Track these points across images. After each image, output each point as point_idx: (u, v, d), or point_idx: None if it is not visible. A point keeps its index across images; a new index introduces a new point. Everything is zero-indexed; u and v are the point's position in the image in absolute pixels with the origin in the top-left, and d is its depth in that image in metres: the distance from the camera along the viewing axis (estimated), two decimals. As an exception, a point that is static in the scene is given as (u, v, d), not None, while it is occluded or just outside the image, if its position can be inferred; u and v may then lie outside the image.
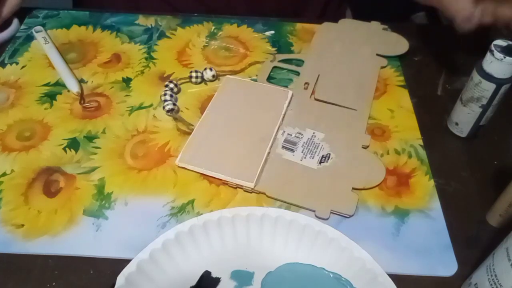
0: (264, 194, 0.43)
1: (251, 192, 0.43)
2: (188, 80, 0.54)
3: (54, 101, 0.51)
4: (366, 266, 0.36)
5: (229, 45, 0.59)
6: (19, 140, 0.47)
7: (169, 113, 0.50)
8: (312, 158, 0.46)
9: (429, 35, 0.63)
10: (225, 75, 0.55)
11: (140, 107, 0.51)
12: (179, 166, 0.45)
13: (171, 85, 0.52)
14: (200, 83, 0.54)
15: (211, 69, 0.54)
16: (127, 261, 0.35)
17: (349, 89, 0.54)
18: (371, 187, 0.44)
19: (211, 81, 0.55)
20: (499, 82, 0.43)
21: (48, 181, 0.44)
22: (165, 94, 0.51)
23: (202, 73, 0.54)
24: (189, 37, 0.60)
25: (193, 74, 0.53)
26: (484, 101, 0.45)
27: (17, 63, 0.56)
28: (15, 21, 0.61)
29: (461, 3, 0.49)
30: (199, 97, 0.53)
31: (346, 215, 0.42)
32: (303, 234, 0.38)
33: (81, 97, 0.51)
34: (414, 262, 0.39)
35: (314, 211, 0.42)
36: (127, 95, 0.52)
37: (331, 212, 0.42)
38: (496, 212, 0.41)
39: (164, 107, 0.50)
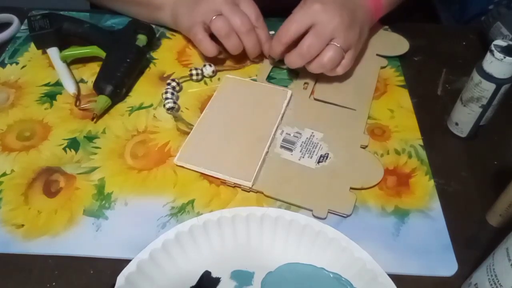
0: (262, 193, 0.43)
1: (249, 191, 0.43)
2: (188, 78, 0.54)
3: (54, 101, 0.51)
4: (366, 266, 0.36)
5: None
6: (19, 140, 0.47)
7: (169, 111, 0.50)
8: (310, 158, 0.46)
9: (429, 35, 0.63)
10: (224, 70, 0.55)
11: (140, 107, 0.51)
12: (177, 165, 0.45)
13: (173, 84, 0.52)
14: (201, 80, 0.54)
15: (210, 65, 0.54)
16: (127, 261, 0.35)
17: (349, 89, 0.54)
18: (369, 187, 0.44)
19: (211, 76, 0.55)
20: (499, 82, 0.43)
21: (48, 181, 0.44)
22: (166, 92, 0.51)
23: (201, 70, 0.54)
24: (189, 38, 0.60)
25: (193, 72, 0.53)
26: (484, 101, 0.45)
27: (17, 63, 0.56)
28: (15, 21, 0.61)
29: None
30: (199, 97, 0.53)
31: (344, 215, 0.42)
32: (303, 234, 0.38)
33: (77, 98, 0.51)
34: (414, 262, 0.39)
35: (311, 210, 0.42)
36: (127, 95, 0.52)
37: (328, 212, 0.42)
38: (496, 212, 0.41)
39: (164, 105, 0.50)
